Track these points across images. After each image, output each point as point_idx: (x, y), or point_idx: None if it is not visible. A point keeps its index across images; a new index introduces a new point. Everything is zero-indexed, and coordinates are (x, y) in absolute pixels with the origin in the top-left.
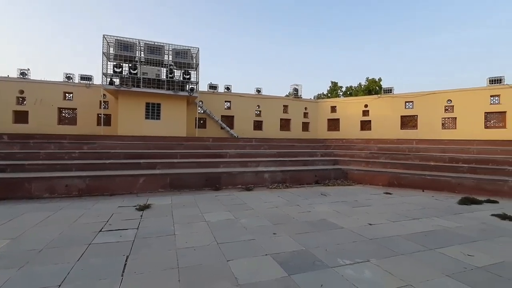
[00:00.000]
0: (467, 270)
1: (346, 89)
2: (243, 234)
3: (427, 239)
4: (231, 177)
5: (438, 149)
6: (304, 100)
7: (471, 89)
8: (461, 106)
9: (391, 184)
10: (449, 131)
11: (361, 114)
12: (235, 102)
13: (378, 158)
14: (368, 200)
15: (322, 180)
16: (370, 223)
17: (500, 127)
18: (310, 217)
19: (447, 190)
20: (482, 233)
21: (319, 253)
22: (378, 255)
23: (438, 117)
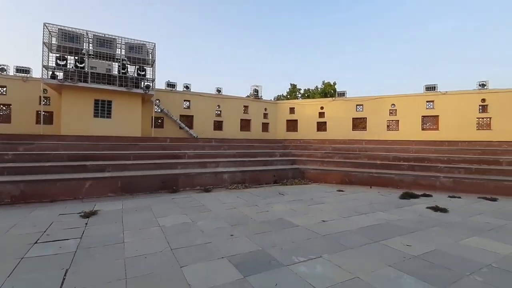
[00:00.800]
0: (406, 259)
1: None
2: (199, 237)
3: (373, 232)
4: (189, 178)
5: (384, 148)
6: (264, 101)
7: (411, 95)
8: (403, 110)
9: (344, 181)
10: (393, 132)
11: (317, 115)
12: (195, 102)
13: (332, 157)
14: (322, 198)
15: (281, 179)
16: (324, 220)
17: (434, 129)
18: (268, 216)
19: (391, 186)
20: (419, 225)
21: (275, 253)
22: (330, 251)
23: (384, 120)
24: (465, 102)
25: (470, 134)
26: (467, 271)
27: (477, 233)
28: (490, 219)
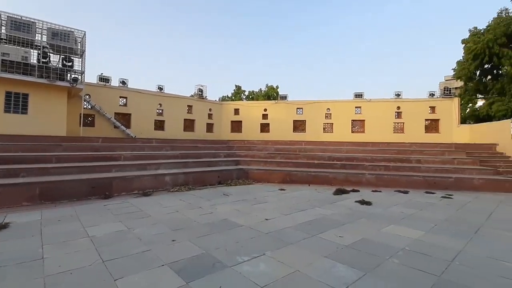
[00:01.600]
0: (338, 249)
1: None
2: (136, 246)
3: (311, 227)
4: (125, 182)
5: (320, 149)
6: (209, 101)
7: (343, 101)
8: (337, 114)
9: (285, 181)
10: (328, 134)
11: (261, 117)
12: (133, 99)
13: (274, 158)
14: (265, 197)
15: (225, 180)
16: (267, 218)
17: (361, 132)
18: (212, 218)
19: (326, 183)
20: (349, 217)
21: (219, 254)
22: (273, 248)
23: (321, 122)
24: (385, 109)
25: (389, 136)
26: (387, 255)
27: (394, 221)
28: (403, 209)
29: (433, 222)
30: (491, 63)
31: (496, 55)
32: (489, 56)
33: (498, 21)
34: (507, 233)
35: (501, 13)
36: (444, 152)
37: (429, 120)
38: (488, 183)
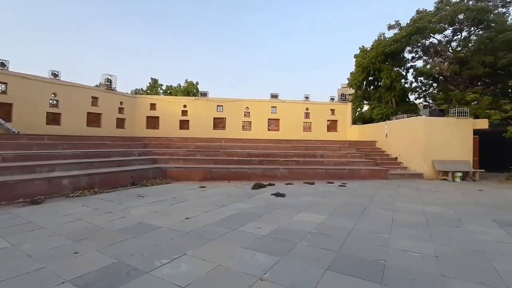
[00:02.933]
0: (257, 239)
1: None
2: (25, 265)
3: (231, 222)
4: (4, 188)
5: (240, 146)
6: (120, 93)
7: (260, 100)
8: (255, 113)
9: (205, 178)
10: (247, 132)
11: (180, 113)
12: (16, 86)
13: (194, 155)
14: (185, 196)
15: (140, 180)
16: (187, 217)
17: (276, 130)
18: (125, 223)
19: (245, 179)
20: (266, 209)
21: (134, 261)
22: (194, 246)
23: (240, 120)
24: (296, 110)
25: (299, 134)
26: (298, 239)
27: (303, 209)
28: (310, 198)
29: (333, 207)
30: (374, 75)
31: (377, 69)
32: (372, 70)
33: (379, 42)
34: (383, 211)
35: (380, 36)
36: (340, 148)
37: (330, 120)
38: (370, 172)
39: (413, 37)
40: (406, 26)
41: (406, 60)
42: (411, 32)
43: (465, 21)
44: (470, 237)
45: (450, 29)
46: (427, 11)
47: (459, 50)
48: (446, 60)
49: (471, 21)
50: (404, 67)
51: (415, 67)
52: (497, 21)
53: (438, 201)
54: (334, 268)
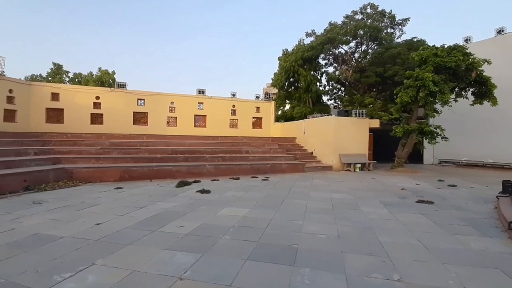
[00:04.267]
0: (179, 239)
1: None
2: None
3: (152, 223)
4: None
5: (164, 143)
6: (9, 79)
7: (187, 96)
8: (180, 108)
9: (123, 178)
10: (172, 128)
11: (92, 106)
12: None
13: (110, 153)
14: (97, 199)
15: (37, 184)
16: (98, 223)
17: (203, 126)
18: (15, 236)
19: (170, 177)
20: (191, 207)
21: (27, 279)
22: (105, 254)
23: (164, 116)
24: (223, 106)
25: (226, 131)
26: (221, 234)
27: (228, 204)
28: (235, 193)
29: (255, 200)
30: (294, 77)
31: (297, 72)
32: (293, 72)
33: (298, 47)
34: (299, 201)
35: (300, 42)
36: (264, 144)
37: (255, 118)
38: (290, 167)
39: (326, 46)
40: (320, 35)
41: (321, 66)
42: (324, 41)
43: (364, 36)
44: (364, 217)
45: (353, 42)
46: (337, 24)
47: (360, 61)
48: (350, 68)
49: (368, 37)
50: (319, 72)
51: (327, 72)
52: (386, 39)
53: (342, 189)
54: (254, 257)
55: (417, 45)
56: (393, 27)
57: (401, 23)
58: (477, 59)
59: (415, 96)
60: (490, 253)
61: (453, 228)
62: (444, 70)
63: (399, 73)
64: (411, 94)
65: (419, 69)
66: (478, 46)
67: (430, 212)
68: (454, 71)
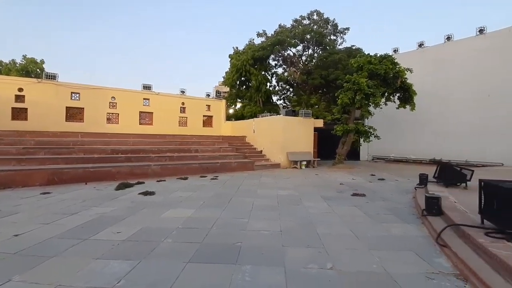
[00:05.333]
0: (114, 246)
1: None
2: None
3: (83, 231)
4: None
5: (103, 142)
6: None
7: (131, 91)
8: (123, 104)
9: (52, 181)
10: (113, 125)
11: (13, 99)
12: None
13: (36, 154)
14: (17, 207)
15: None
16: (17, 234)
17: (149, 124)
18: None
19: (109, 179)
20: (131, 210)
21: None
22: (24, 268)
23: (104, 112)
24: (172, 103)
25: (175, 129)
26: (162, 237)
27: (173, 206)
28: (182, 193)
29: (203, 200)
30: (246, 77)
31: (248, 71)
32: (244, 72)
33: (249, 47)
34: (246, 199)
35: (251, 42)
36: (214, 143)
37: (206, 116)
38: (240, 165)
39: (276, 47)
40: (271, 37)
41: (271, 67)
42: (274, 42)
43: (311, 40)
44: (306, 211)
45: (301, 45)
46: (286, 27)
47: (307, 63)
48: (298, 70)
49: (314, 41)
50: (270, 72)
51: (277, 73)
52: (330, 45)
53: (288, 185)
54: (196, 259)
55: (355, 52)
56: (336, 34)
57: (343, 31)
58: (402, 68)
59: (353, 98)
60: (407, 238)
61: (380, 217)
62: (376, 76)
63: (340, 77)
64: (349, 96)
65: (356, 74)
66: (403, 57)
67: (362, 204)
68: (384, 78)
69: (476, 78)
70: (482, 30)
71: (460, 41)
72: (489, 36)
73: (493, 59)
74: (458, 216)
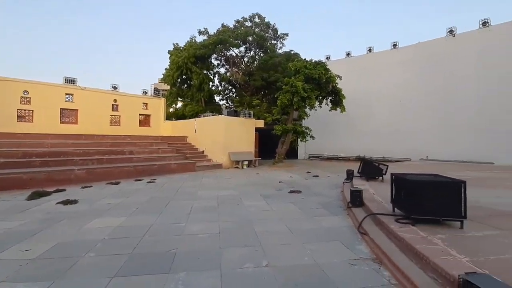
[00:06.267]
0: (22, 266)
1: None
2: None
3: None
4: None
5: (12, 143)
6: None
7: (49, 84)
8: (39, 100)
9: None
10: (26, 124)
11: None
12: None
13: None
14: None
15: None
16: None
17: (73, 123)
18: None
19: (18, 187)
20: (45, 223)
21: None
22: None
23: (14, 108)
24: (101, 100)
25: (105, 129)
26: (83, 252)
27: (99, 215)
28: (111, 200)
29: (136, 206)
30: (187, 75)
31: (189, 69)
32: (185, 69)
33: (190, 44)
34: (185, 202)
35: (192, 39)
36: (152, 144)
37: (143, 115)
38: (180, 166)
39: (218, 46)
40: (213, 35)
41: (214, 66)
42: (216, 41)
43: (253, 42)
44: (245, 210)
45: (243, 46)
46: (229, 27)
47: (249, 65)
48: (240, 70)
49: (256, 44)
50: (212, 71)
51: (219, 73)
52: (270, 48)
53: (230, 186)
54: (123, 272)
55: (293, 57)
56: (276, 39)
57: (282, 36)
58: (333, 74)
59: (291, 100)
60: (335, 229)
61: (313, 212)
62: (311, 80)
63: (279, 79)
64: (288, 98)
65: (294, 77)
66: (334, 64)
67: (298, 200)
68: (318, 82)
69: (390, 86)
70: (396, 45)
71: (379, 53)
72: (400, 50)
73: (404, 70)
74: (375, 206)
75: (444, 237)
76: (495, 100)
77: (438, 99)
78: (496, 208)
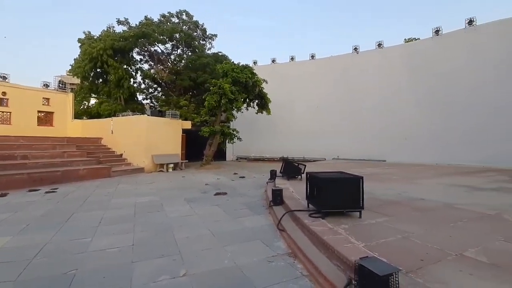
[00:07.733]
0: None
1: None
2: None
3: None
4: None
5: None
6: None
7: None
8: None
9: None
10: None
11: None
12: None
13: None
14: None
15: None
16: None
17: None
18: None
19: None
20: None
21: None
22: None
23: None
24: None
25: None
26: None
27: None
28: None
29: (27, 222)
30: (103, 68)
31: (106, 63)
32: (101, 62)
33: (107, 34)
34: (94, 213)
35: (109, 28)
36: (55, 146)
37: (43, 112)
38: (91, 172)
39: (141, 40)
40: (135, 27)
41: (136, 61)
42: (139, 34)
43: (180, 40)
44: (166, 217)
45: (170, 43)
46: (153, 20)
47: (176, 63)
48: (166, 69)
49: (184, 42)
50: (134, 67)
51: (142, 69)
52: (199, 48)
53: (151, 191)
54: None
55: (221, 58)
56: (205, 39)
57: (211, 37)
58: (260, 78)
59: (219, 102)
60: (257, 228)
61: (237, 213)
62: (239, 83)
63: (208, 80)
64: (216, 99)
65: (222, 79)
66: (260, 69)
67: (223, 202)
68: (245, 85)
69: (309, 92)
70: (313, 56)
71: (300, 62)
72: (316, 62)
73: (320, 79)
74: (293, 203)
75: (347, 226)
76: (385, 108)
77: (346, 105)
78: (386, 199)
